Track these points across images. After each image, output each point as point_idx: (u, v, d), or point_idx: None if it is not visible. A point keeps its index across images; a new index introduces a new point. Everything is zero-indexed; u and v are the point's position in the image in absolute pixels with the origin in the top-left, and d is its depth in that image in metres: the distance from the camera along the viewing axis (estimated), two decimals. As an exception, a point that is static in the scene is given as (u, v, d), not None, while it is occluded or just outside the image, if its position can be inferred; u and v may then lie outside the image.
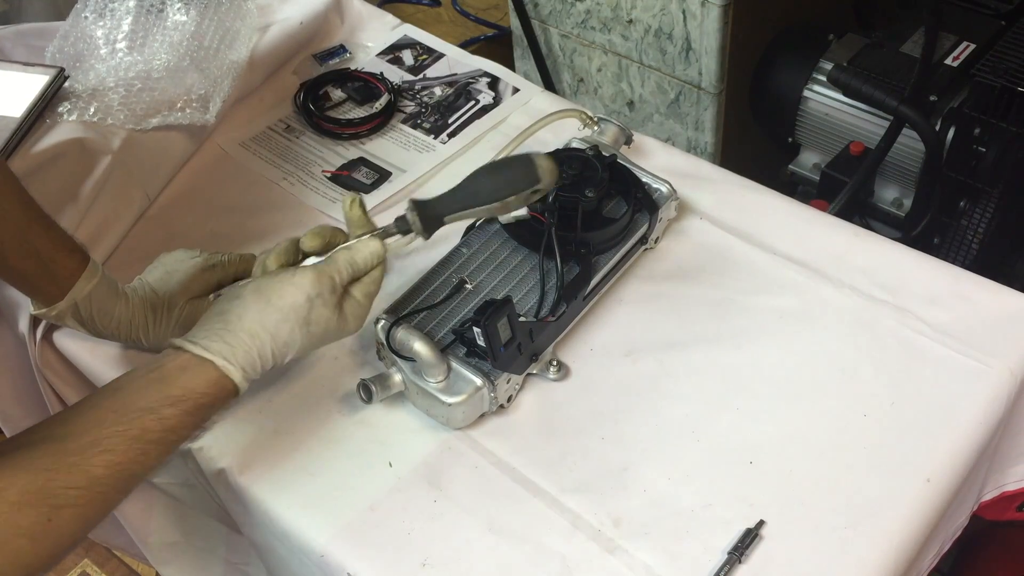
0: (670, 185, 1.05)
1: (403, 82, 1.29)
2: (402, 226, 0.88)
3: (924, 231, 1.51)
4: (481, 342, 0.87)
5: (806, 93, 1.58)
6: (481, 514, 0.85)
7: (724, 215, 1.08)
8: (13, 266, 0.89)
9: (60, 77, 1.13)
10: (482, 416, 0.91)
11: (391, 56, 1.34)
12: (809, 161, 1.65)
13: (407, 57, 1.33)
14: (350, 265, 0.85)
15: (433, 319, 0.93)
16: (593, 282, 0.97)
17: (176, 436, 0.76)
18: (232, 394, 0.80)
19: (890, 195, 1.56)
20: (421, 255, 1.05)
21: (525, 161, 0.87)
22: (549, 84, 1.88)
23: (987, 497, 1.02)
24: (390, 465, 0.89)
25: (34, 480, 0.68)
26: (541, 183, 0.86)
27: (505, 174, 0.87)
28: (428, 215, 0.87)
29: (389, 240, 0.88)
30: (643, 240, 1.03)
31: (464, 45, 1.83)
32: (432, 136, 1.22)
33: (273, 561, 0.93)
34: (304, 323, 0.81)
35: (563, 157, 1.02)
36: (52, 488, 0.68)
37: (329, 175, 1.18)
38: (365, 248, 0.86)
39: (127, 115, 1.11)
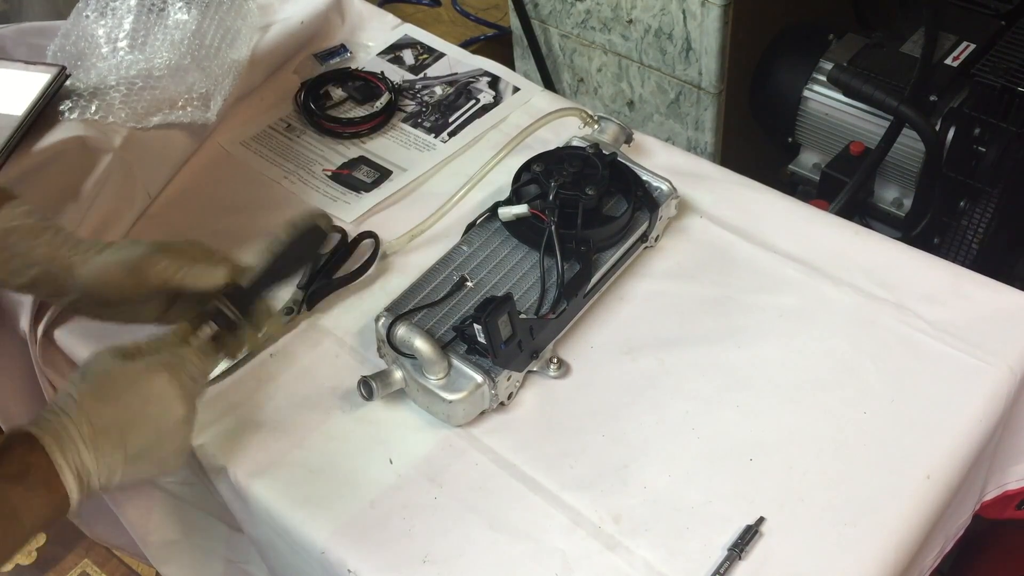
0: (670, 183, 1.05)
1: (404, 81, 1.29)
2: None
3: (924, 231, 1.51)
4: (482, 339, 0.87)
5: (806, 93, 1.58)
6: (482, 511, 0.85)
7: (724, 213, 1.08)
8: None
9: (61, 75, 1.13)
10: (482, 413, 0.91)
11: (392, 55, 1.34)
12: (809, 161, 1.65)
13: (407, 56, 1.34)
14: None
15: (434, 316, 0.93)
16: (593, 280, 0.97)
17: None
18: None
19: (890, 195, 1.56)
20: (421, 253, 1.05)
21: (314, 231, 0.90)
22: (549, 84, 1.89)
23: (988, 496, 1.02)
24: (391, 462, 0.89)
25: None
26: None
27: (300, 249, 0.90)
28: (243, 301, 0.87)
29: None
30: (643, 238, 1.03)
31: (464, 45, 1.83)
32: (433, 135, 1.22)
33: (274, 559, 0.93)
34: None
35: (563, 155, 1.02)
36: None
37: (330, 174, 1.18)
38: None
39: (128, 113, 1.11)
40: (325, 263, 1.04)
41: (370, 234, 1.06)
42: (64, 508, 0.75)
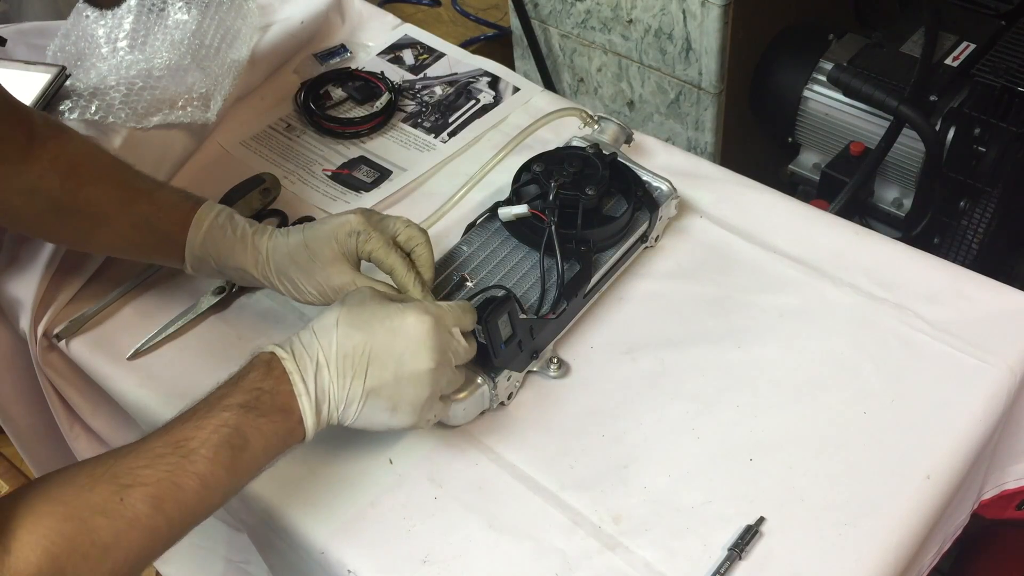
0: (670, 183, 1.05)
1: (403, 81, 1.30)
2: None
3: (924, 231, 1.51)
4: (482, 339, 0.87)
5: (806, 93, 1.58)
6: (481, 511, 0.85)
7: (724, 213, 1.08)
8: (136, 242, 0.94)
9: (61, 75, 1.13)
10: (482, 413, 0.91)
11: (392, 55, 1.34)
12: (809, 161, 1.66)
13: (407, 56, 1.34)
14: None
15: (434, 316, 0.93)
16: (593, 280, 0.97)
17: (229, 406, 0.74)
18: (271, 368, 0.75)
19: (890, 195, 1.56)
20: (422, 253, 1.05)
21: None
22: (549, 84, 1.89)
23: (987, 495, 1.02)
24: (390, 462, 0.89)
25: (101, 463, 0.69)
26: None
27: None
28: None
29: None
30: (643, 238, 1.03)
31: (464, 45, 1.83)
32: (433, 135, 1.22)
33: (274, 559, 0.93)
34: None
35: (564, 155, 1.02)
36: (118, 469, 0.69)
37: (330, 174, 1.18)
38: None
39: (128, 113, 1.11)
40: None
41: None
42: (299, 435, 0.76)
